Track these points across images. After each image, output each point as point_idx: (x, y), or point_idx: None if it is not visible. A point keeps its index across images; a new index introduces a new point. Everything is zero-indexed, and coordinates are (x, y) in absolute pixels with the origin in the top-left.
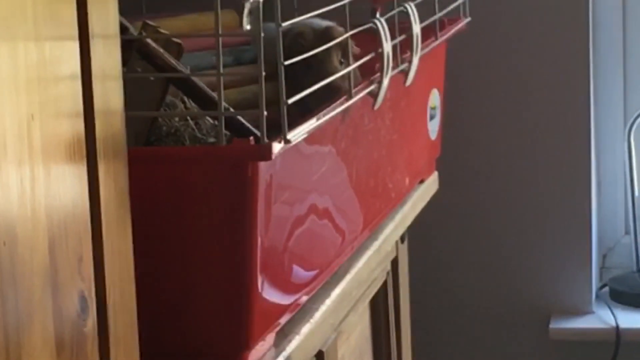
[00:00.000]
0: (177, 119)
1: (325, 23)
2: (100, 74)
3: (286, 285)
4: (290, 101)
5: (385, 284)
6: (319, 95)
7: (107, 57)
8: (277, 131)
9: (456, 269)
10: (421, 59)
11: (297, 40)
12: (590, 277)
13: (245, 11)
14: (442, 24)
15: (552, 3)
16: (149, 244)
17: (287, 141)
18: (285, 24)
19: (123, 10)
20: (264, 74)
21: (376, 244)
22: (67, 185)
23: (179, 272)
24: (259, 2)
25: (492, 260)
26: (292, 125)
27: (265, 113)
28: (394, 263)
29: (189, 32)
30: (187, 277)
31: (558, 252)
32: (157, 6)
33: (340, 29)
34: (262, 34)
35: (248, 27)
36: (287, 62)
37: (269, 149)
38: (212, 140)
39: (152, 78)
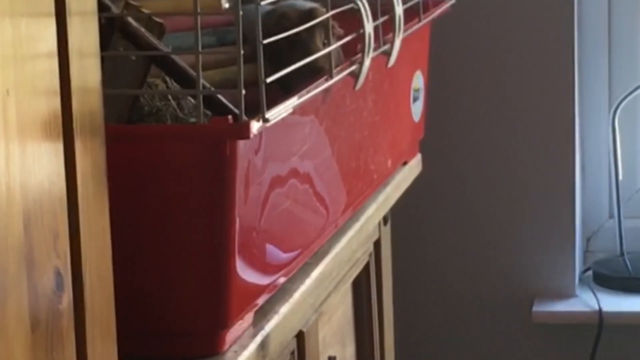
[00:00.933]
0: (158, 98)
1: (309, 4)
2: (77, 52)
3: (264, 265)
4: (268, 80)
5: (367, 265)
6: (302, 75)
7: (85, 35)
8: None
9: (439, 252)
10: (404, 40)
11: (280, 21)
12: (573, 261)
13: None
14: (427, 6)
15: None
16: (127, 221)
17: (266, 120)
18: (264, 3)
19: None
20: (242, 52)
21: (357, 225)
22: (43, 162)
23: (157, 250)
24: None
25: (475, 243)
26: (275, 104)
27: (243, 92)
28: (377, 245)
29: (169, 12)
30: (165, 256)
31: (542, 236)
32: None
33: (324, 10)
34: (241, 13)
35: (227, 5)
36: (265, 41)
37: (247, 127)
38: (193, 120)
39: (133, 57)
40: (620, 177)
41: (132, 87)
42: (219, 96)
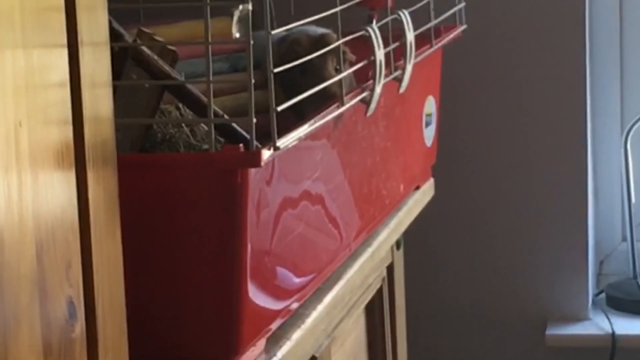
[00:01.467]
0: (171, 125)
1: (321, 30)
2: (89, 81)
3: (277, 290)
4: (280, 108)
5: (380, 289)
6: (314, 101)
7: (97, 65)
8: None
9: (453, 275)
10: (416, 66)
11: (292, 47)
12: (586, 284)
13: (235, 19)
14: (438, 31)
15: (548, 10)
16: (140, 249)
17: (277, 148)
18: (275, 32)
19: (120, 18)
20: (253, 81)
21: (370, 250)
22: (56, 192)
23: (169, 277)
24: (248, 10)
25: (488, 266)
26: (287, 131)
27: (254, 120)
28: (390, 269)
29: (181, 40)
30: (177, 282)
31: (555, 259)
32: (155, 13)
33: (335, 35)
34: (252, 42)
35: (237, 35)
36: (276, 70)
37: (258, 155)
38: (206, 146)
39: (146, 85)
40: (632, 199)
41: (146, 114)
42: (233, 124)
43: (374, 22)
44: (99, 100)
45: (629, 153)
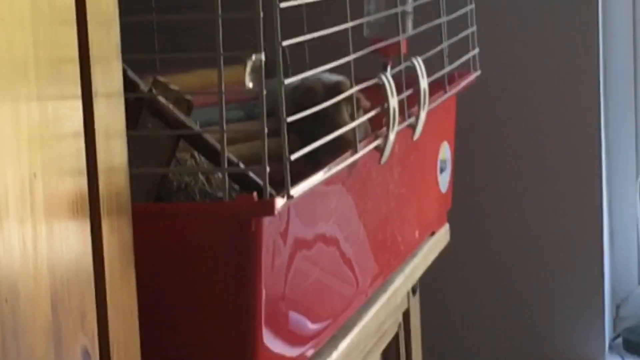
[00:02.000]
0: (187, 174)
1: (335, 78)
2: (103, 132)
3: (292, 337)
4: (293, 157)
5: (397, 336)
6: (330, 149)
7: (111, 116)
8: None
9: (469, 320)
10: (430, 112)
11: (307, 95)
12: (603, 328)
13: (248, 69)
14: (452, 78)
15: (562, 55)
16: (155, 298)
17: (290, 197)
18: (288, 80)
19: (136, 66)
20: (266, 130)
21: (385, 297)
22: (70, 242)
23: (185, 325)
24: (260, 59)
25: (505, 311)
26: (302, 178)
27: (268, 169)
28: (406, 315)
29: (197, 88)
30: (193, 331)
31: (571, 303)
32: (172, 61)
33: (349, 83)
34: (265, 91)
35: (250, 84)
36: (290, 119)
37: (271, 204)
38: (221, 194)
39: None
40: None
41: (161, 163)
42: (250, 173)
43: (389, 69)
44: (113, 151)
45: None
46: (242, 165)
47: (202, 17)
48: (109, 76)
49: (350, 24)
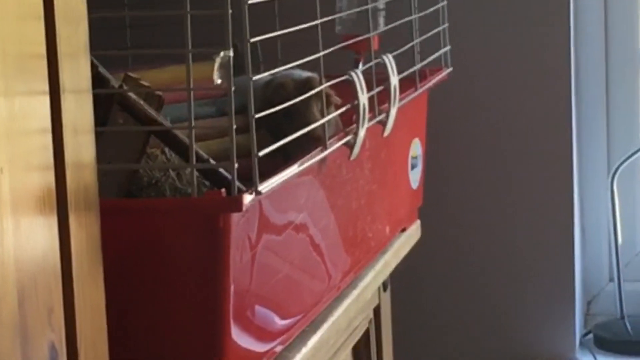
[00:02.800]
0: (157, 169)
1: (306, 74)
2: (71, 128)
3: (261, 333)
4: (262, 153)
5: (367, 332)
6: (300, 145)
7: (79, 111)
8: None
9: (440, 317)
10: (401, 109)
11: (278, 91)
12: (574, 324)
13: (216, 65)
14: (424, 74)
15: (534, 52)
16: (123, 294)
17: (259, 192)
18: (257, 77)
19: (109, 62)
20: (234, 126)
21: (355, 293)
22: (37, 238)
23: (152, 321)
24: (229, 56)
25: (476, 307)
26: (273, 174)
27: (236, 165)
28: (377, 311)
29: (168, 84)
30: (161, 327)
31: (542, 300)
32: (143, 58)
33: (320, 79)
34: (234, 87)
35: (219, 81)
36: (258, 115)
37: (239, 200)
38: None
39: (132, 130)
40: (619, 240)
41: (132, 158)
42: (220, 169)
43: (360, 65)
44: (81, 146)
45: (616, 194)
46: (212, 161)
47: (172, 13)
48: (77, 72)
49: (319, 21)
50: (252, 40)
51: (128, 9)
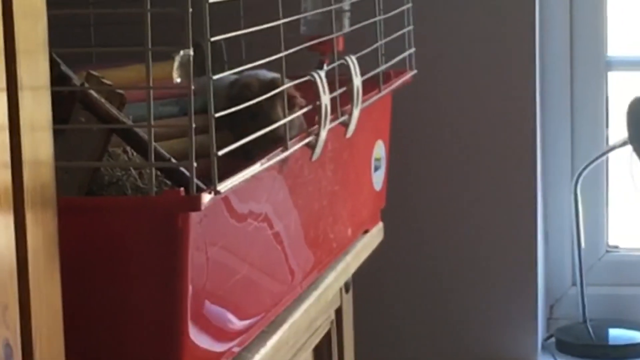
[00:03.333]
0: (119, 168)
1: (271, 75)
2: (29, 125)
3: (219, 333)
4: (221, 152)
5: (329, 333)
6: (263, 145)
7: (37, 109)
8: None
9: (402, 319)
10: (365, 110)
11: (243, 91)
12: (536, 328)
13: (175, 64)
14: (388, 76)
15: (499, 56)
16: (80, 292)
17: (217, 192)
18: (217, 76)
19: (72, 60)
20: (194, 125)
21: (316, 293)
22: None
23: (110, 320)
24: (189, 54)
25: (438, 310)
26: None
27: (195, 164)
28: (338, 312)
29: (131, 83)
30: (119, 326)
31: (505, 303)
32: (109, 57)
33: (286, 80)
34: (194, 87)
35: (178, 80)
36: (217, 115)
37: (198, 199)
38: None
39: (94, 128)
40: (582, 244)
41: (93, 156)
42: (181, 168)
43: (325, 67)
44: (39, 144)
45: (579, 198)
46: (173, 160)
47: (132, 11)
48: (36, 69)
49: (282, 21)
50: (213, 39)
51: (93, 7)
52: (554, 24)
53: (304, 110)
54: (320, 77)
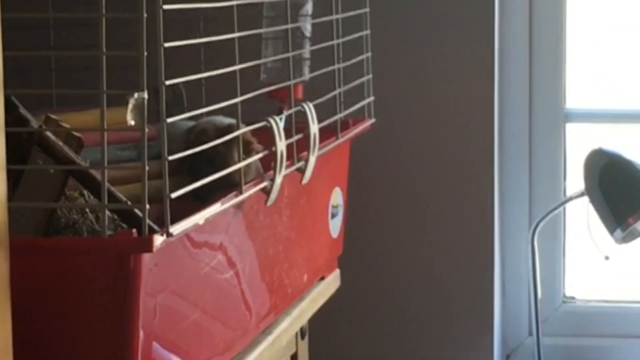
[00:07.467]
0: (75, 211)
1: (228, 121)
2: None
3: None
4: (174, 195)
5: None
6: (220, 190)
7: None
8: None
9: None
10: (322, 157)
11: (200, 137)
12: None
13: (129, 107)
14: (347, 124)
15: (457, 104)
16: (32, 334)
17: (170, 234)
18: (170, 120)
19: (33, 104)
20: (147, 168)
21: (270, 339)
22: None
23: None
24: (143, 97)
25: (395, 357)
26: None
27: (147, 207)
28: (294, 358)
29: (83, 127)
30: None
31: (461, 352)
32: (67, 100)
33: (242, 126)
34: (147, 130)
35: (132, 122)
36: (170, 158)
37: (150, 241)
38: (110, 233)
39: (51, 170)
40: (539, 295)
41: (50, 199)
42: (135, 210)
43: (284, 113)
44: None
45: (536, 248)
46: (128, 202)
47: (88, 54)
48: None
49: (239, 67)
50: (168, 83)
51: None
52: (513, 75)
53: (260, 155)
54: (277, 123)
